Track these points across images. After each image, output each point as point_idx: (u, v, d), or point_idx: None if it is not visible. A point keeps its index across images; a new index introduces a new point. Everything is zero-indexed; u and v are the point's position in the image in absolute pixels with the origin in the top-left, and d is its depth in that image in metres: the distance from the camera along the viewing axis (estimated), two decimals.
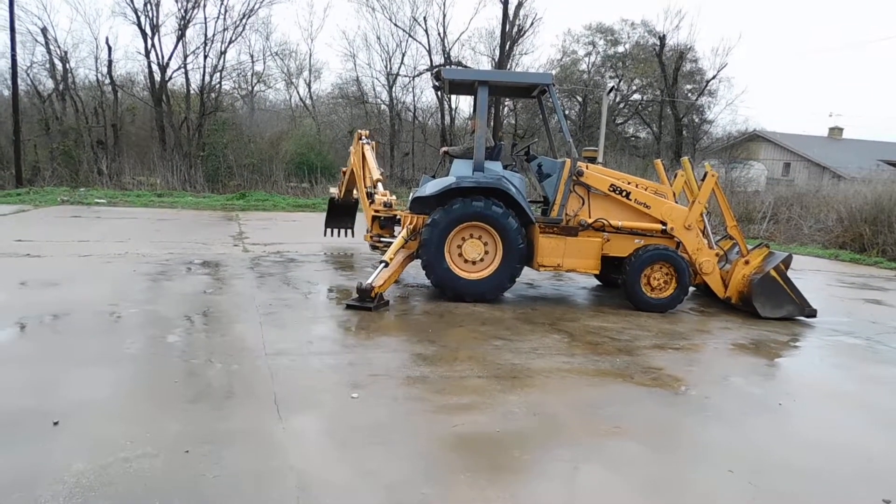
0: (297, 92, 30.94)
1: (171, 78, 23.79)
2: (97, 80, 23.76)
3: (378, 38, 28.68)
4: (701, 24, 37.09)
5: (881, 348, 6.35)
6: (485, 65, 28.42)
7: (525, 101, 25.57)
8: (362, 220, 9.02)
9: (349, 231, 10.78)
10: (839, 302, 8.71)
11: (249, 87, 28.50)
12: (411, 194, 7.81)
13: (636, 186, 7.49)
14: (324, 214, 11.03)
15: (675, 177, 8.12)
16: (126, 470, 3.00)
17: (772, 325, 6.92)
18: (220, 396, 4.01)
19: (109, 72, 23.46)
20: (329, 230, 10.68)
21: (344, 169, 10.17)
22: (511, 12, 26.59)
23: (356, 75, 29.35)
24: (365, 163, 8.81)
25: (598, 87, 30.75)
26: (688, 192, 7.96)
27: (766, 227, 17.12)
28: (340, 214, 10.68)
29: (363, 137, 9.06)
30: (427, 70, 27.37)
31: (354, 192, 9.87)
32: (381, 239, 8.12)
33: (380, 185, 8.27)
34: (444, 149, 8.31)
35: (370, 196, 8.29)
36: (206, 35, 23.61)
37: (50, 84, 23.77)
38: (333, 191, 10.71)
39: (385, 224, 8.06)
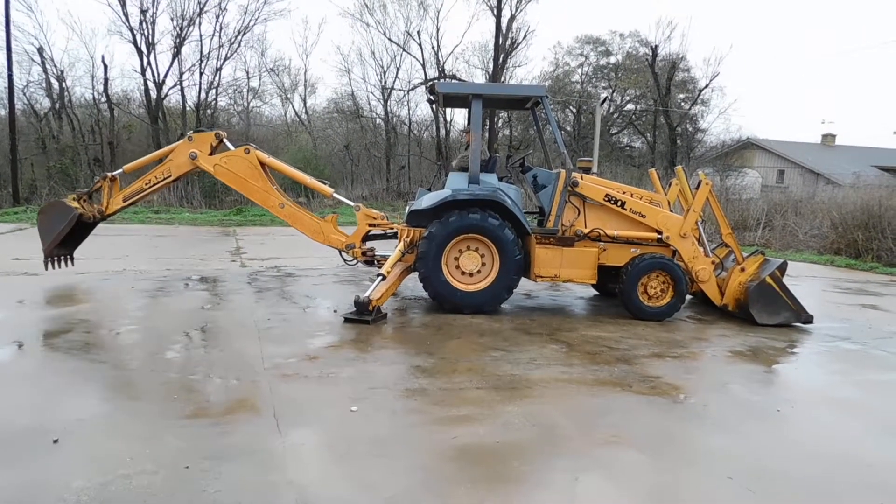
0: (293, 107, 31.19)
1: (167, 95, 23.96)
2: (93, 98, 23.92)
3: (372, 53, 28.90)
4: (692, 34, 37.51)
5: (879, 353, 6.37)
6: (479, 77, 28.68)
7: (519, 113, 25.72)
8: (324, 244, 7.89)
9: (70, 261, 8.14)
10: (836, 308, 8.74)
11: (245, 103, 28.72)
12: (408, 207, 7.83)
13: (631, 196, 7.54)
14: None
15: (670, 186, 8.18)
16: (126, 487, 3.00)
17: (769, 332, 6.94)
18: (220, 412, 4.02)
19: (106, 90, 23.60)
20: (52, 260, 7.79)
21: (111, 174, 8.01)
22: (504, 25, 26.88)
23: (351, 90, 29.68)
24: (266, 172, 7.81)
25: (591, 97, 30.98)
26: (682, 201, 8.01)
27: (761, 234, 17.18)
28: (75, 237, 8.00)
29: (222, 141, 8.10)
30: (421, 84, 27.59)
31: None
32: (377, 254, 8.12)
33: (336, 195, 8.15)
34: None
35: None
36: (201, 52, 23.84)
37: (46, 103, 23.93)
38: (75, 205, 7.69)
39: (367, 238, 8.07)
